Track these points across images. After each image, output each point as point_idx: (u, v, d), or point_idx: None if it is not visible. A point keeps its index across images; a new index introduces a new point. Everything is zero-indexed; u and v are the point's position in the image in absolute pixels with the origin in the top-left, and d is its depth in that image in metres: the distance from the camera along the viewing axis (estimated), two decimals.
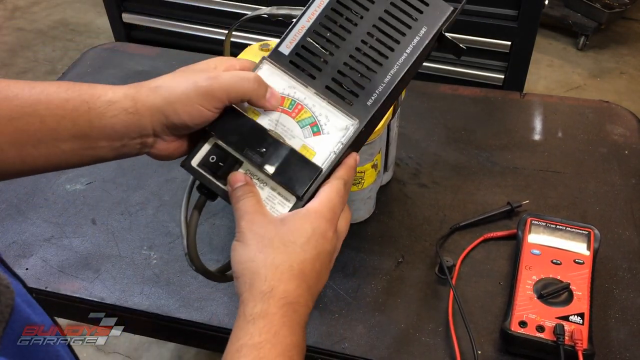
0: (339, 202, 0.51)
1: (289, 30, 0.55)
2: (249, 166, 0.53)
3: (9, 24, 2.92)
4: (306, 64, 0.54)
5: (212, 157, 0.52)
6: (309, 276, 0.48)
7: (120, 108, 0.49)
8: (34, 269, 0.80)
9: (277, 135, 0.53)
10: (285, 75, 0.54)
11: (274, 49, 0.55)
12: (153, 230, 0.85)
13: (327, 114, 0.53)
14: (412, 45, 0.53)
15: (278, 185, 0.52)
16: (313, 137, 0.53)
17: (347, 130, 0.53)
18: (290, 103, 0.54)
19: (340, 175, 0.52)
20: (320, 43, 0.54)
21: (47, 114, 0.48)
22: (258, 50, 0.92)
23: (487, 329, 0.71)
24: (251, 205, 0.50)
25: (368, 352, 0.70)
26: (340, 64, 0.54)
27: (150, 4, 1.97)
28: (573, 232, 0.77)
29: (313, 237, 0.48)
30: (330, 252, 0.50)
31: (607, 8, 2.54)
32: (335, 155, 0.52)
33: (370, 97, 0.53)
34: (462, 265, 0.79)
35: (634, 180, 0.91)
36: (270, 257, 0.47)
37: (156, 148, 0.52)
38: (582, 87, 2.51)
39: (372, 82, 0.53)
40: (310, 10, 0.55)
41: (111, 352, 1.57)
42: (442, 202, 0.88)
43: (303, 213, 0.49)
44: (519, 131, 1.01)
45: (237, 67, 0.54)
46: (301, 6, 0.60)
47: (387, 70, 0.53)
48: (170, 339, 0.80)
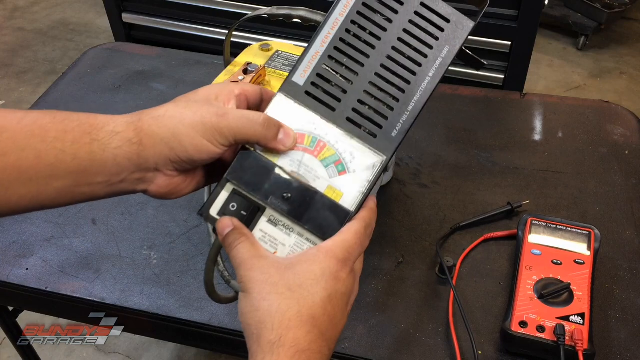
0: (357, 244, 0.47)
1: (301, 57, 0.50)
2: (272, 212, 0.48)
3: (9, 24, 2.92)
4: (324, 95, 0.50)
5: (233, 205, 0.48)
6: (320, 321, 0.44)
7: (124, 138, 0.45)
8: (34, 269, 0.80)
9: (301, 177, 0.49)
10: (302, 108, 0.50)
11: (286, 80, 0.50)
12: (153, 231, 0.85)
13: (352, 151, 0.49)
14: (435, 67, 0.49)
15: (306, 231, 0.48)
16: (338, 177, 0.49)
17: (374, 168, 0.49)
18: (312, 140, 0.49)
19: (363, 217, 0.48)
20: (337, 70, 0.50)
21: (43, 148, 0.43)
22: (258, 50, 0.92)
23: (487, 329, 0.71)
24: (246, 251, 0.46)
25: (368, 352, 0.70)
26: (360, 92, 0.49)
27: (150, 4, 1.97)
28: (573, 232, 0.77)
29: (323, 279, 0.44)
30: (344, 293, 0.46)
31: (607, 8, 2.54)
32: (363, 196, 0.49)
33: (394, 127, 0.49)
34: (463, 266, 0.79)
35: (634, 180, 0.91)
36: (276, 303, 0.43)
37: (155, 184, 0.48)
38: (582, 87, 2.50)
39: (395, 110, 0.49)
40: (323, 33, 0.50)
41: (111, 352, 1.57)
42: (443, 202, 0.88)
43: (312, 253, 0.46)
44: (519, 131, 1.01)
45: (236, 93, 0.50)
46: (301, 6, 0.59)
47: (410, 96, 0.49)
48: (170, 339, 0.80)
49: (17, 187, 0.43)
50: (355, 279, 0.47)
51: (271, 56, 0.91)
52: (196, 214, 0.50)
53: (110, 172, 0.46)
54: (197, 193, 0.53)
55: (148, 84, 1.13)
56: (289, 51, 0.92)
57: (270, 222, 0.49)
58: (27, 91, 2.50)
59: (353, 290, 0.47)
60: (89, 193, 0.47)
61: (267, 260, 0.46)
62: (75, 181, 0.45)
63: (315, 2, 0.93)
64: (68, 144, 0.44)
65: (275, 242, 0.49)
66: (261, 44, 0.93)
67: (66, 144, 0.44)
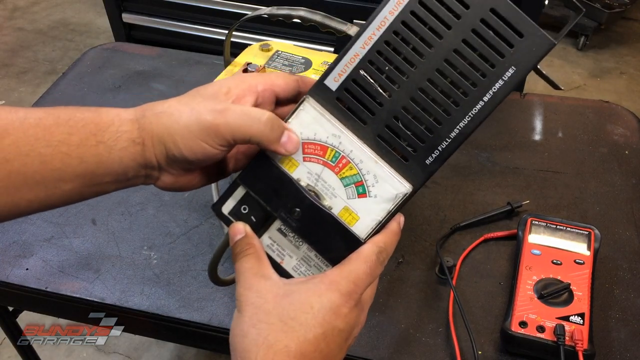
0: (365, 273, 0.43)
1: (338, 58, 0.44)
2: (282, 223, 0.46)
3: (9, 24, 2.92)
4: (356, 105, 0.44)
5: (244, 208, 0.46)
6: (309, 358, 0.40)
7: (128, 139, 0.43)
8: (34, 269, 0.80)
9: (317, 192, 0.45)
10: (330, 116, 0.44)
11: (318, 81, 0.45)
12: (153, 231, 0.85)
13: (376, 174, 0.44)
14: (493, 91, 0.42)
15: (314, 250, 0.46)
16: (357, 199, 0.44)
17: (396, 199, 0.44)
18: (334, 155, 0.44)
19: (377, 242, 0.44)
20: (376, 78, 0.43)
21: (48, 152, 0.41)
22: (258, 50, 0.92)
23: (487, 329, 0.71)
24: (249, 267, 0.43)
25: (368, 352, 0.70)
26: (398, 107, 0.43)
27: (150, 4, 1.97)
28: (573, 232, 0.77)
29: (320, 314, 0.41)
30: (343, 330, 0.42)
31: (607, 8, 2.55)
32: (379, 224, 0.45)
33: (430, 154, 0.43)
34: (463, 266, 0.79)
35: (634, 180, 0.91)
36: (264, 334, 0.40)
37: (162, 181, 0.46)
38: (582, 87, 2.51)
39: (435, 135, 0.43)
40: (366, 34, 0.43)
41: (111, 352, 1.57)
42: (442, 202, 0.88)
43: (314, 283, 0.42)
44: (519, 131, 1.01)
45: (259, 89, 0.45)
46: (301, 6, 0.56)
47: (456, 121, 0.42)
48: (170, 339, 0.80)
49: (24, 192, 0.42)
50: (361, 311, 0.44)
51: (271, 56, 0.91)
52: (208, 208, 0.49)
53: (117, 173, 0.44)
54: (198, 193, 0.52)
55: (148, 84, 1.13)
56: (289, 51, 0.92)
57: (280, 232, 0.46)
58: (27, 91, 2.50)
59: (357, 324, 0.43)
60: (99, 191, 0.45)
61: (267, 282, 0.43)
62: (84, 183, 0.43)
63: (315, 2, 0.93)
64: (74, 147, 0.42)
65: (282, 252, 0.47)
66: (261, 44, 0.93)
67: (71, 147, 0.42)
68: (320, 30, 0.76)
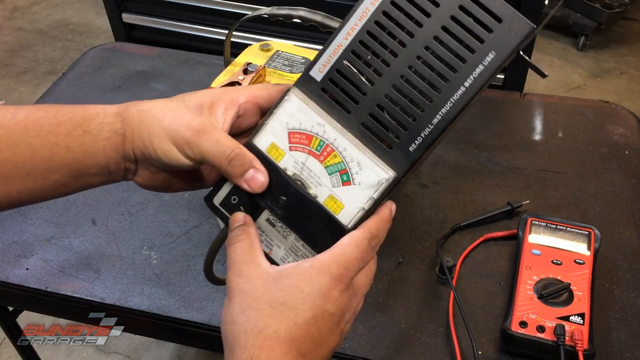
0: (356, 258, 0.43)
1: (323, 49, 0.45)
2: (269, 213, 0.47)
3: (9, 24, 2.92)
4: (340, 94, 0.45)
5: (234, 199, 0.47)
6: (300, 342, 0.40)
7: (112, 129, 0.45)
8: (34, 269, 0.80)
9: (302, 181, 0.46)
10: (315, 106, 0.45)
11: (304, 73, 0.46)
12: (153, 231, 0.85)
13: (360, 161, 0.45)
14: (474, 76, 0.42)
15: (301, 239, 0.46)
16: (342, 187, 0.45)
17: (379, 185, 0.44)
18: (319, 144, 0.45)
19: (368, 227, 0.44)
20: (359, 68, 0.44)
21: (38, 142, 0.43)
22: (258, 50, 0.92)
23: (487, 329, 0.71)
24: (240, 253, 0.44)
25: (368, 352, 0.70)
26: (380, 96, 0.44)
27: (150, 4, 1.97)
28: (573, 232, 0.77)
29: (309, 298, 0.41)
30: (334, 313, 0.42)
31: (607, 8, 2.55)
32: (365, 212, 0.45)
33: (413, 141, 0.44)
34: (463, 266, 0.79)
35: (634, 180, 0.91)
36: (253, 319, 0.40)
37: (139, 176, 0.48)
38: (582, 87, 2.51)
39: (417, 122, 0.43)
40: (349, 24, 0.44)
41: (111, 352, 1.57)
42: (443, 202, 0.88)
43: (304, 267, 0.42)
44: (519, 131, 1.01)
45: (240, 101, 0.47)
46: (301, 6, 0.57)
47: (437, 107, 0.43)
48: (170, 339, 0.80)
49: (15, 182, 0.44)
50: (354, 295, 0.44)
51: (271, 56, 0.91)
52: (207, 208, 0.49)
53: (101, 165, 0.46)
54: (198, 193, 0.53)
55: (148, 84, 1.13)
56: (289, 51, 0.92)
57: (268, 222, 0.47)
58: (27, 91, 2.50)
59: (348, 308, 0.43)
60: (84, 183, 0.47)
61: (257, 268, 0.43)
62: (70, 173, 0.45)
63: (315, 2, 0.93)
64: (61, 137, 0.44)
65: (271, 243, 0.48)
66: (261, 44, 0.93)
67: (59, 137, 0.44)
68: (320, 30, 0.76)
